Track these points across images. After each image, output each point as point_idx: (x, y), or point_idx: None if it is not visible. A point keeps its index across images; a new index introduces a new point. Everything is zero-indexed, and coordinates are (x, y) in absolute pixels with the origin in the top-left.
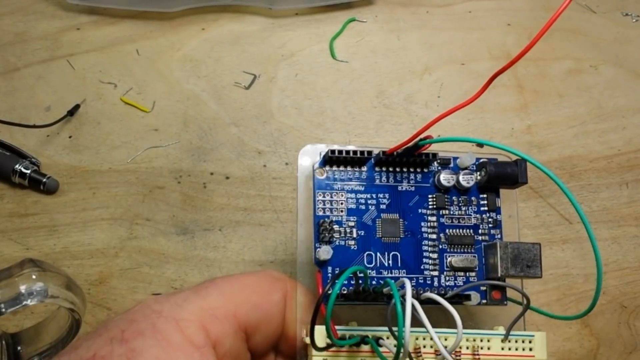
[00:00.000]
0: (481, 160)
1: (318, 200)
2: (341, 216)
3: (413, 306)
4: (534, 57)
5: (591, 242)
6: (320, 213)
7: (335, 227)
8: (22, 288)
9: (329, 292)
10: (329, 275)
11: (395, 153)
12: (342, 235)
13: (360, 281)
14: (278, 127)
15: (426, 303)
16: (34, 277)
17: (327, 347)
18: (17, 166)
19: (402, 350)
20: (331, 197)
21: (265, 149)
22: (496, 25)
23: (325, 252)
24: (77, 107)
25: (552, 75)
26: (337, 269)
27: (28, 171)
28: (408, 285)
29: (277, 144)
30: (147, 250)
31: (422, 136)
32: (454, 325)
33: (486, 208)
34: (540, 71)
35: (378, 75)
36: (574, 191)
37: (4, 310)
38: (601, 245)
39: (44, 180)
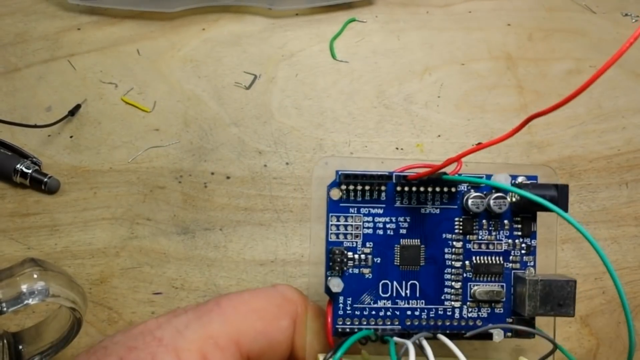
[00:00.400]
0: (518, 181)
1: (331, 225)
2: (356, 242)
3: None
4: (534, 58)
5: (615, 284)
6: (333, 239)
7: (349, 254)
8: (24, 287)
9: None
10: (340, 305)
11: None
12: (357, 262)
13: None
14: (278, 127)
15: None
16: (35, 276)
17: None
18: (18, 166)
19: None
20: (346, 220)
21: (265, 149)
22: (496, 26)
23: (336, 285)
24: (78, 107)
25: (552, 76)
26: (350, 299)
27: (29, 171)
28: (412, 352)
29: (278, 144)
30: (148, 249)
31: (446, 168)
32: None
33: (520, 233)
34: (540, 71)
35: (378, 76)
36: (574, 191)
37: (5, 309)
38: (601, 245)
39: (45, 180)
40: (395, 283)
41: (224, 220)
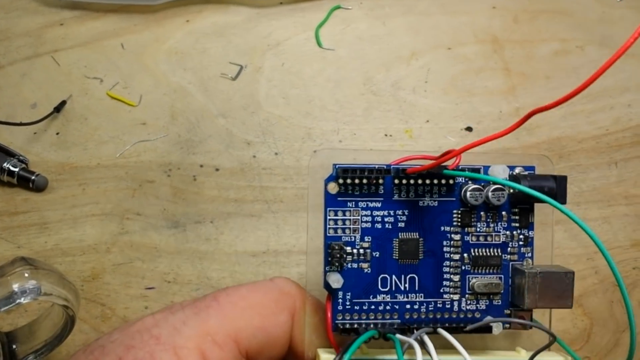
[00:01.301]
0: (515, 172)
1: (329, 220)
2: (354, 237)
3: None
4: (520, 40)
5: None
6: (332, 233)
7: (348, 249)
8: (15, 286)
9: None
10: (340, 300)
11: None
12: (355, 257)
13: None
14: (266, 117)
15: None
16: (26, 275)
17: None
18: (5, 164)
19: None
20: (344, 215)
21: (254, 140)
22: (481, 9)
23: (335, 280)
24: (63, 103)
25: (539, 57)
26: (349, 294)
27: (16, 169)
28: (418, 351)
29: (266, 134)
30: (139, 244)
31: (446, 162)
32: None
33: (517, 224)
34: (527, 53)
35: (365, 62)
36: (564, 172)
37: None
38: (592, 225)
39: (33, 177)
40: (394, 277)
41: (214, 212)
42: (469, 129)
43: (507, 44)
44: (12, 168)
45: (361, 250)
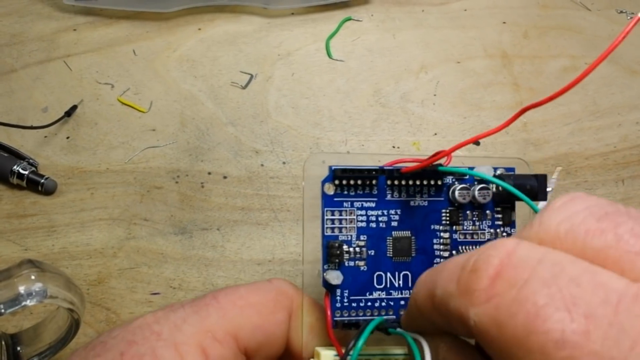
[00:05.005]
0: (498, 172)
1: (327, 219)
2: (351, 235)
3: None
4: (529, 55)
5: None
6: (329, 232)
7: (345, 247)
8: (21, 289)
9: (351, 352)
10: (338, 297)
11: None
12: (352, 255)
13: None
14: (275, 126)
15: None
16: (32, 277)
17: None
18: (15, 167)
19: None
20: (340, 214)
21: (262, 149)
22: (491, 24)
23: (335, 277)
24: (74, 107)
25: (548, 73)
26: (346, 291)
27: (26, 172)
28: (427, 351)
29: (274, 143)
30: (146, 250)
31: (439, 160)
32: None
33: (501, 222)
34: (536, 69)
35: (374, 74)
36: (571, 188)
37: (3, 311)
38: None
39: (42, 181)
40: (388, 274)
41: (221, 220)
42: (477, 143)
43: (517, 59)
44: (21, 171)
45: (357, 249)
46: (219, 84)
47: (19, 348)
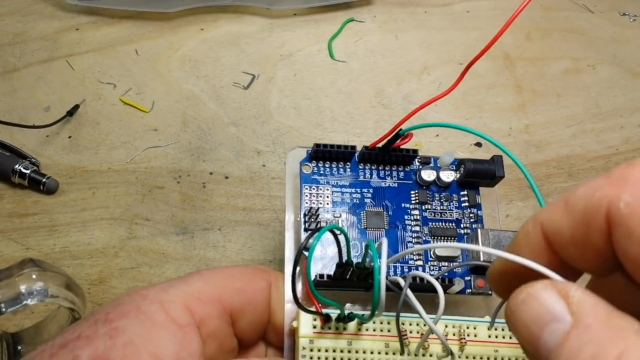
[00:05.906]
0: (460, 158)
1: (304, 193)
2: (326, 207)
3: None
4: (531, 57)
5: None
6: (307, 204)
7: (321, 214)
8: (22, 288)
9: (308, 245)
10: (314, 259)
11: (376, 148)
12: (328, 223)
13: (342, 253)
14: (277, 127)
15: (416, 290)
16: (34, 276)
17: (314, 313)
18: (16, 166)
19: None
20: (317, 190)
21: (264, 149)
22: (494, 25)
23: (313, 240)
24: (76, 107)
25: (550, 75)
26: (324, 258)
27: (28, 171)
28: (384, 246)
29: (276, 143)
30: (147, 249)
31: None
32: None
33: (467, 204)
34: (538, 71)
35: (376, 75)
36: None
37: (4, 309)
38: None
39: (44, 180)
40: (363, 244)
41: (222, 220)
42: (478, 144)
43: (519, 60)
44: (23, 170)
45: (333, 219)
46: (221, 84)
47: (19, 347)
